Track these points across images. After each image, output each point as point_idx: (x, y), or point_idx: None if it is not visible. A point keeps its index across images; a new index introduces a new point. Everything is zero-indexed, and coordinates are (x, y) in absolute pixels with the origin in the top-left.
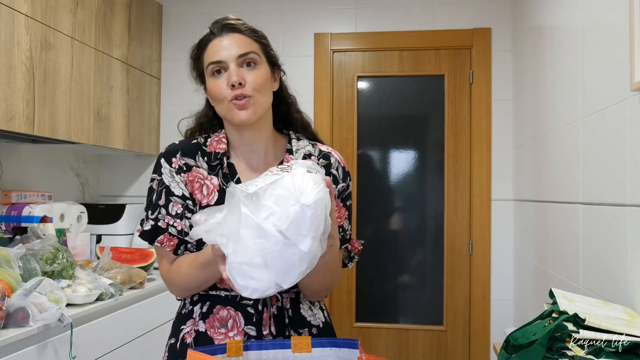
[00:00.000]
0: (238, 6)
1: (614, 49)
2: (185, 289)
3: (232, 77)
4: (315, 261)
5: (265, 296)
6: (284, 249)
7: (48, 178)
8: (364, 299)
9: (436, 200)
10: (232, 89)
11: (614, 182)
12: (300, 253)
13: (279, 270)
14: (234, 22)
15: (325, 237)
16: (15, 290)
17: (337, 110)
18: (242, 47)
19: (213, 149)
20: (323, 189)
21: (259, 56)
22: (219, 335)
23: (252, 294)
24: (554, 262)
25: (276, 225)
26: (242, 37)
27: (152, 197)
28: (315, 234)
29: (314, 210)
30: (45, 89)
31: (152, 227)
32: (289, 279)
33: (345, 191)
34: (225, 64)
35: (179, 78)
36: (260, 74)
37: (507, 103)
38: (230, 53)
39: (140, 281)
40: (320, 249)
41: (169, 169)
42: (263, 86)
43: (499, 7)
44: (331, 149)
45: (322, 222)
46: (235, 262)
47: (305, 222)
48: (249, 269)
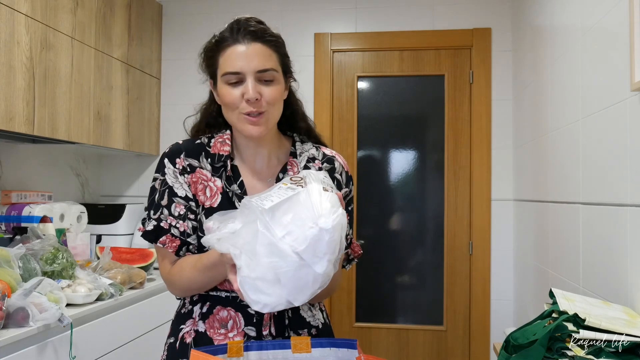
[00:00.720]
0: (237, 6)
1: (614, 49)
2: (186, 290)
3: (250, 93)
4: (328, 281)
5: (275, 311)
6: (298, 269)
7: (48, 178)
8: (364, 299)
9: (436, 200)
10: (248, 103)
11: (614, 182)
12: (315, 274)
13: (291, 289)
14: (256, 28)
15: (339, 258)
16: (15, 290)
17: (337, 110)
18: (262, 62)
19: (217, 150)
20: (341, 213)
21: (277, 72)
22: (218, 336)
23: (262, 308)
24: (554, 262)
25: (292, 247)
26: (263, 48)
27: (155, 197)
28: (332, 256)
29: (332, 235)
30: (45, 89)
31: (154, 228)
32: (300, 297)
33: (347, 196)
34: (243, 76)
35: (179, 78)
36: (277, 89)
37: (507, 103)
38: (250, 66)
39: (140, 281)
40: (334, 270)
41: (172, 170)
42: (276, 102)
43: (499, 7)
44: (335, 153)
45: (338, 245)
46: (248, 277)
47: (322, 245)
48: (262, 285)
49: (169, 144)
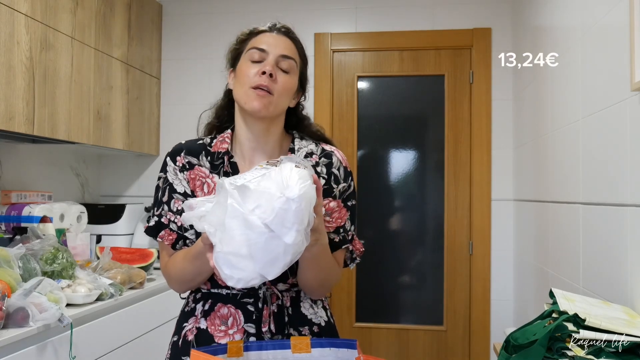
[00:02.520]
0: (238, 6)
1: (614, 49)
2: (181, 282)
3: (267, 67)
4: (299, 254)
5: (249, 286)
6: (268, 241)
7: (48, 178)
8: (364, 299)
9: (436, 200)
10: (261, 77)
11: (614, 182)
12: (285, 245)
13: (264, 262)
14: (288, 29)
15: (308, 231)
16: (15, 290)
17: (337, 110)
18: (287, 50)
19: (217, 148)
20: (309, 184)
21: (296, 66)
22: (219, 333)
23: (236, 283)
24: (554, 262)
25: (261, 218)
26: (291, 43)
27: (158, 194)
28: (300, 227)
29: (299, 204)
30: (45, 89)
31: (155, 223)
32: (273, 270)
33: (346, 191)
34: (267, 55)
35: (179, 78)
36: (290, 81)
37: (507, 103)
38: (276, 49)
39: (140, 281)
40: (305, 242)
41: (173, 167)
42: (286, 93)
43: (499, 7)
44: (335, 149)
45: (307, 216)
46: (221, 252)
47: (290, 215)
48: (234, 259)
49: (169, 144)
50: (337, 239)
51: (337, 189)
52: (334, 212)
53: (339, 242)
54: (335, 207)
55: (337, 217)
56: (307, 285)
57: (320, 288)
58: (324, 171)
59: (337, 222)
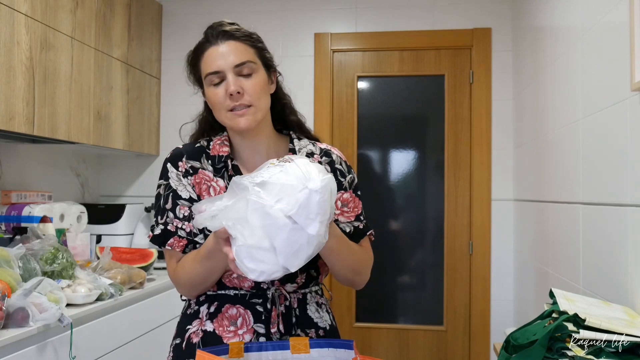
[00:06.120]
0: (237, 6)
1: (614, 49)
2: (191, 286)
3: (231, 87)
4: (322, 245)
5: (271, 279)
6: (292, 232)
7: (48, 178)
8: (364, 299)
9: (436, 200)
10: (231, 98)
11: (614, 182)
12: (308, 236)
13: (287, 254)
14: (229, 28)
15: (328, 224)
16: (15, 290)
17: (337, 110)
18: (238, 56)
19: (216, 152)
20: (330, 177)
21: (255, 64)
22: (228, 334)
23: (259, 276)
24: (554, 262)
25: (284, 211)
26: (238, 44)
27: (160, 202)
28: (323, 217)
29: (322, 195)
30: (45, 89)
31: (161, 232)
32: (295, 262)
33: (353, 182)
34: (223, 74)
35: (179, 78)
36: (258, 82)
37: (507, 103)
38: (227, 62)
39: (140, 281)
40: (326, 234)
41: (175, 173)
42: (261, 92)
43: (499, 7)
44: (329, 146)
45: (329, 207)
46: (244, 245)
47: (313, 206)
48: (257, 252)
49: (169, 144)
50: (361, 226)
51: (345, 181)
52: (349, 203)
53: (363, 229)
54: (349, 198)
55: (353, 206)
56: (344, 278)
57: (358, 276)
58: (328, 169)
59: (354, 211)
